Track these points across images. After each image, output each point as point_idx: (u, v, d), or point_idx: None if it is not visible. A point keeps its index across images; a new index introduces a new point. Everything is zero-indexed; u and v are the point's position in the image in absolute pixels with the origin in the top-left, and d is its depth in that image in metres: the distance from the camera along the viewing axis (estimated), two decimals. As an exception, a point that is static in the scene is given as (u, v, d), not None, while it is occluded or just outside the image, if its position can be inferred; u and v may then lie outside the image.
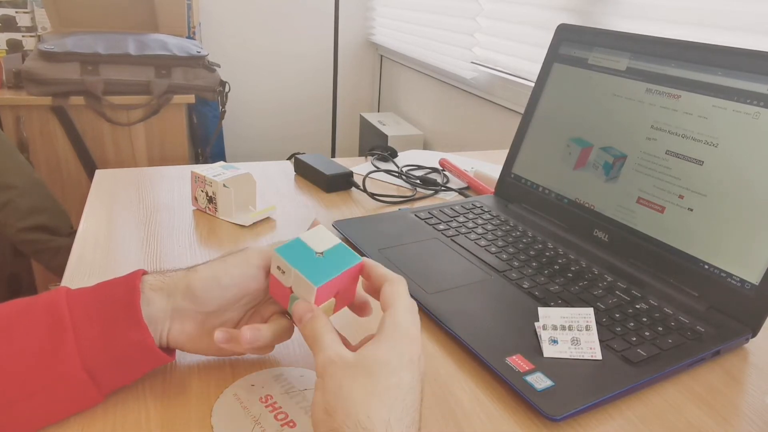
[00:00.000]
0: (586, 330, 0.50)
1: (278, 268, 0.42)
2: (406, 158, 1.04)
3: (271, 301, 0.46)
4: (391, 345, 0.36)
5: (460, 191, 0.89)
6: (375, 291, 0.42)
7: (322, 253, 0.42)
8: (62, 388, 0.38)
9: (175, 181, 0.86)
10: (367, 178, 0.87)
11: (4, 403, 0.37)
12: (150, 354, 0.40)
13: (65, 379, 0.38)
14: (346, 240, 0.68)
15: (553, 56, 0.76)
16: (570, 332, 0.50)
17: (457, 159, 1.02)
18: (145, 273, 0.43)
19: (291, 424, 0.40)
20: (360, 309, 0.45)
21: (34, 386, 0.37)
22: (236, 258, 0.43)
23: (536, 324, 0.51)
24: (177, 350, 0.45)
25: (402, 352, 0.36)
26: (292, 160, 0.94)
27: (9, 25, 1.74)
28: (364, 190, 0.84)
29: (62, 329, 0.38)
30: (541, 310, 0.51)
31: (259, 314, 0.45)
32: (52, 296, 0.40)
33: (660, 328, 0.52)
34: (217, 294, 0.42)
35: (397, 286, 0.40)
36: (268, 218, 0.75)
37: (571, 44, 0.74)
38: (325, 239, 0.43)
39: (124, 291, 0.40)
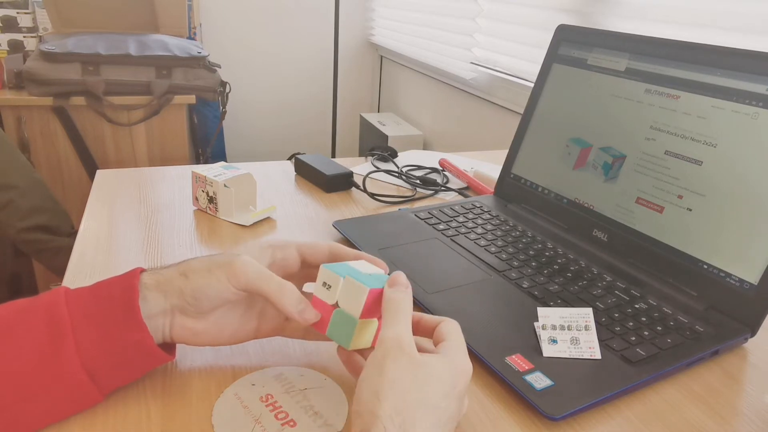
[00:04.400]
0: (585, 330, 0.50)
1: (324, 284, 0.42)
2: (406, 158, 1.04)
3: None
4: (451, 369, 0.37)
5: (460, 191, 0.90)
6: (428, 333, 0.42)
7: (368, 274, 0.42)
8: (62, 389, 0.38)
9: (175, 181, 0.86)
10: (367, 178, 0.88)
11: (3, 405, 0.37)
12: (150, 354, 0.40)
13: (65, 381, 0.38)
14: (346, 240, 0.68)
15: (552, 57, 0.76)
16: (569, 332, 0.50)
17: (456, 159, 1.02)
18: (143, 271, 0.43)
19: (291, 423, 0.41)
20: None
21: (34, 388, 0.37)
22: (218, 273, 0.41)
23: (535, 324, 0.51)
24: (178, 350, 0.45)
25: (456, 382, 0.36)
26: (293, 160, 0.94)
27: (10, 25, 1.74)
28: (364, 190, 0.84)
29: (62, 331, 0.38)
30: (541, 310, 0.51)
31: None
32: (51, 297, 0.40)
33: (659, 328, 0.53)
34: (207, 303, 0.42)
35: (454, 326, 0.41)
36: (268, 218, 0.76)
37: (571, 45, 0.74)
38: (367, 267, 0.44)
39: (123, 290, 0.40)
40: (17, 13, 1.74)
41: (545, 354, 0.48)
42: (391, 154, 1.03)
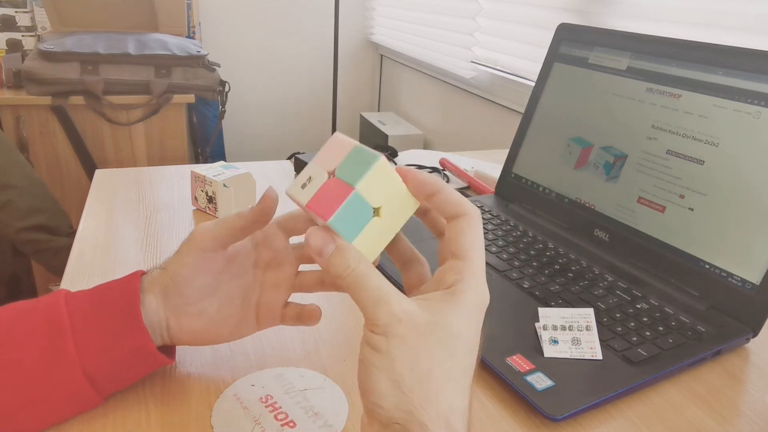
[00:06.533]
0: (587, 330, 0.50)
1: (302, 186, 0.33)
2: (406, 158, 1.04)
3: (278, 265, 0.43)
4: (471, 314, 0.30)
5: (461, 191, 0.89)
6: (436, 223, 0.34)
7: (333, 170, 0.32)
8: (62, 394, 0.38)
9: (175, 181, 0.86)
10: (367, 178, 0.87)
11: (2, 408, 0.36)
12: (151, 358, 0.40)
13: (65, 385, 0.38)
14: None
15: (553, 56, 0.76)
16: (570, 332, 0.50)
17: (457, 159, 1.02)
18: (143, 274, 0.42)
19: (291, 424, 0.40)
20: (406, 265, 0.36)
21: (34, 394, 0.37)
22: (186, 247, 0.40)
23: (536, 324, 0.51)
24: (178, 350, 0.45)
25: (479, 324, 0.30)
26: (292, 159, 0.94)
27: (9, 24, 1.74)
28: (364, 190, 0.84)
29: (62, 336, 0.38)
30: (542, 311, 0.51)
31: (271, 283, 0.43)
32: (51, 301, 0.39)
33: (660, 328, 0.52)
34: (189, 286, 0.40)
35: (476, 227, 0.31)
36: (268, 218, 0.75)
37: (572, 44, 0.74)
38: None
39: (124, 294, 0.40)
40: (16, 12, 1.74)
41: (546, 354, 0.48)
42: (391, 154, 1.03)
